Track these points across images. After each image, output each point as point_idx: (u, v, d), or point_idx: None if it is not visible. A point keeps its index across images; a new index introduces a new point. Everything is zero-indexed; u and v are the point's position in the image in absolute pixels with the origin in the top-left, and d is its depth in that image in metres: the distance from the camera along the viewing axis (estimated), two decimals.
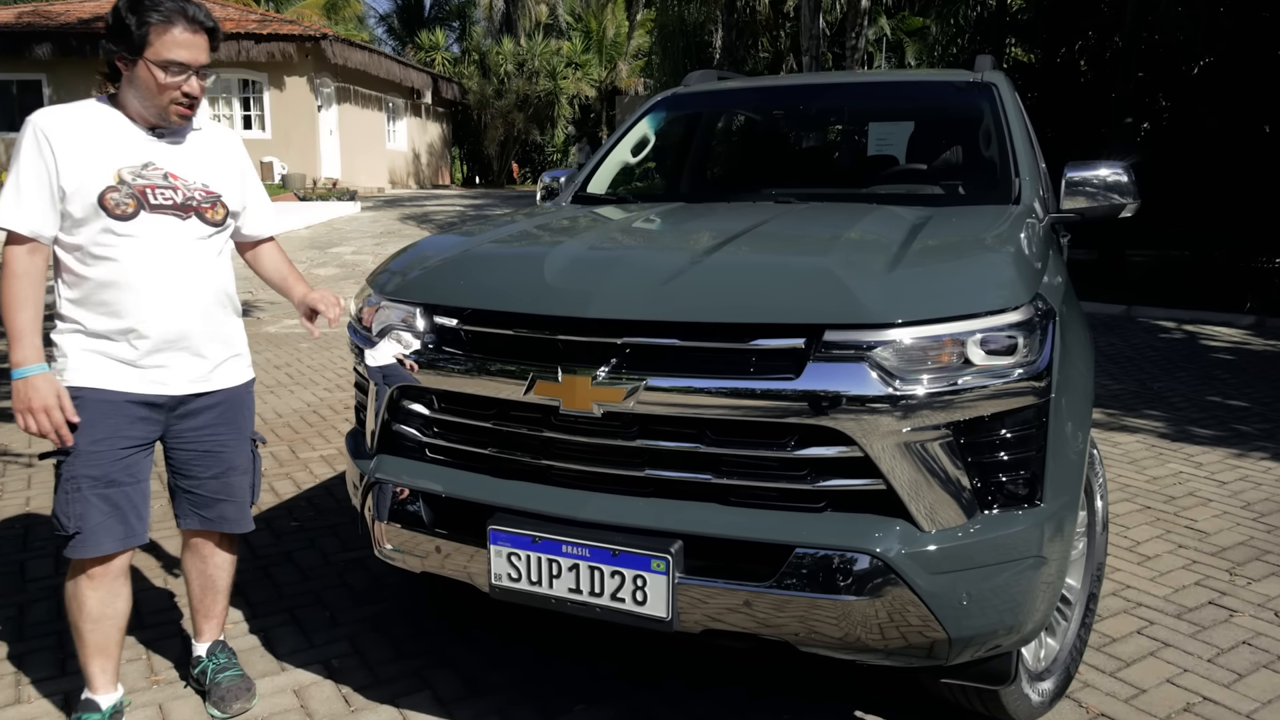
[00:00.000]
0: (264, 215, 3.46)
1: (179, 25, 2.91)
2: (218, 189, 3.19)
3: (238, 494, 3.36)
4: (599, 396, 2.63)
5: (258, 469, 3.44)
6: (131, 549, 3.15)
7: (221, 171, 3.23)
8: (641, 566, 2.60)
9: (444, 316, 2.99)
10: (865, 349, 2.48)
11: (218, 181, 3.20)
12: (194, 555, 3.44)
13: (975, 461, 2.57)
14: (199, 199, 3.12)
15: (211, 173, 3.19)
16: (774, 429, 2.56)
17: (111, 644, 3.19)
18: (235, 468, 3.32)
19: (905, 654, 2.61)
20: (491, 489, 2.88)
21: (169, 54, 2.91)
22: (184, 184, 3.09)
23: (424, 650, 3.78)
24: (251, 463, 3.39)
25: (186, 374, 3.13)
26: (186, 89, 2.99)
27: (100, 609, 3.13)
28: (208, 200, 3.14)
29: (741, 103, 5.46)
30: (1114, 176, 3.89)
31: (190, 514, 3.33)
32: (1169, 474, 6.08)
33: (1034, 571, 2.62)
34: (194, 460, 3.25)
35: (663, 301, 2.67)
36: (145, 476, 3.14)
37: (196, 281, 3.11)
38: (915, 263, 2.79)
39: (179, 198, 3.07)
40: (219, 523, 3.35)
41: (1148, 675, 3.63)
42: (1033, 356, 2.57)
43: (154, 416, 3.12)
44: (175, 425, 3.19)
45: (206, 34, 2.99)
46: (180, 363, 3.11)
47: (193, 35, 2.94)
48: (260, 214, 3.44)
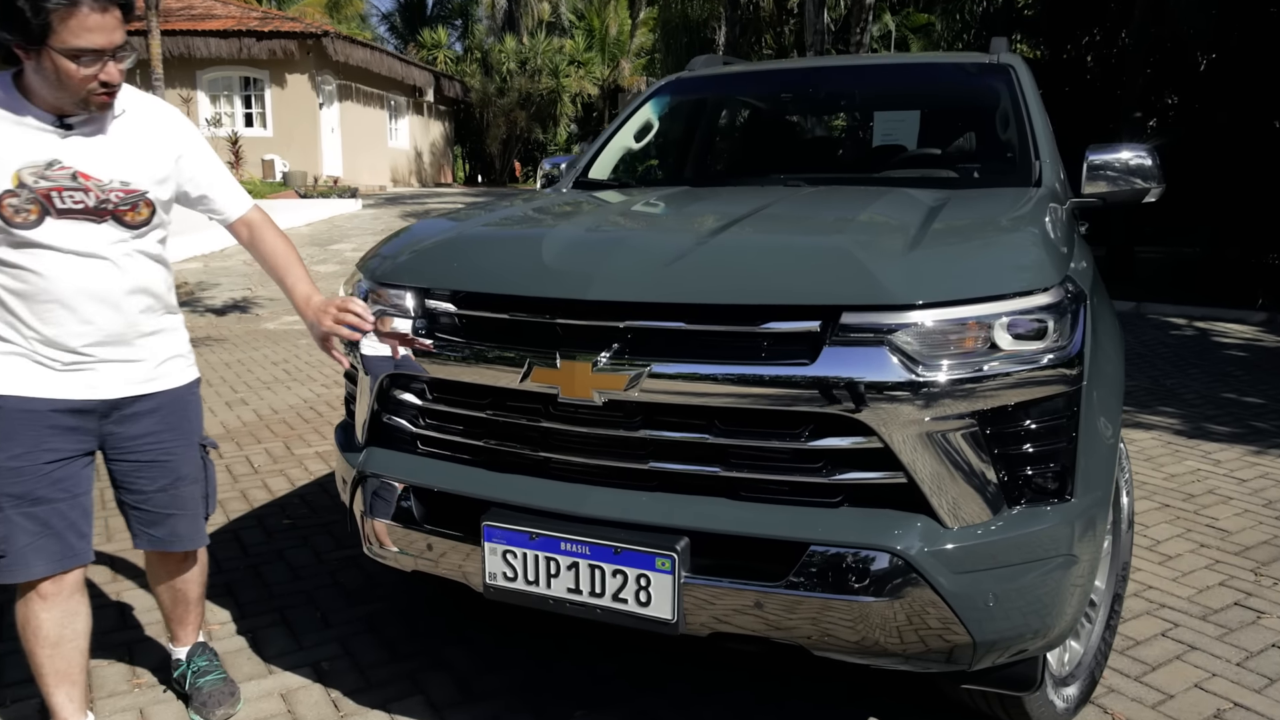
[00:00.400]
0: (227, 194, 3.07)
1: (84, 6, 2.48)
2: (140, 186, 2.79)
3: (189, 506, 3.08)
4: (600, 384, 2.47)
5: (211, 478, 3.16)
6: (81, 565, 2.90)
7: (148, 163, 2.82)
8: (645, 565, 2.44)
9: (436, 300, 2.83)
10: (885, 332, 2.32)
11: (141, 176, 2.79)
12: (158, 573, 3.23)
13: (1002, 453, 2.40)
14: (115, 201, 2.73)
15: (133, 167, 2.78)
16: (787, 418, 2.40)
17: (75, 669, 2.94)
18: (184, 477, 3.04)
19: (925, 659, 2.45)
20: (486, 483, 2.72)
21: (77, 41, 2.50)
22: (96, 184, 2.71)
23: (418, 652, 3.62)
24: (203, 471, 3.12)
25: (120, 376, 2.85)
26: (104, 76, 2.59)
27: (57, 631, 2.87)
28: (126, 202, 2.75)
29: (748, 86, 5.29)
30: (1137, 160, 3.72)
31: (140, 533, 3.05)
32: (1187, 471, 5.93)
33: (1064, 571, 2.46)
34: (138, 472, 2.98)
35: (668, 283, 2.51)
36: (83, 490, 2.87)
37: (118, 289, 2.78)
38: (937, 242, 2.63)
39: (91, 200, 2.69)
40: (171, 541, 3.07)
41: (1174, 680, 3.47)
42: (1063, 341, 2.41)
43: (84, 425, 2.83)
44: (112, 434, 2.90)
45: (119, 8, 2.56)
46: (111, 365, 2.83)
47: (102, 15, 2.51)
48: (222, 193, 3.05)
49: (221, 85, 26.84)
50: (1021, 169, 3.77)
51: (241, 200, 3.11)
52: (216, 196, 3.05)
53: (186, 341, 3.09)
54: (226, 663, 3.51)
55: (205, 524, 3.18)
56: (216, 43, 25.28)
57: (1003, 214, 3.02)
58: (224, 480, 5.62)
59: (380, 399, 2.93)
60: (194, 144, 2.96)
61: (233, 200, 3.09)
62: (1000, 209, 3.09)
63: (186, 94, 25.66)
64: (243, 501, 5.27)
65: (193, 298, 13.28)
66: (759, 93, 5.21)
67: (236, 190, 3.10)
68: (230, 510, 5.12)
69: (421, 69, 33.60)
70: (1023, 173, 3.74)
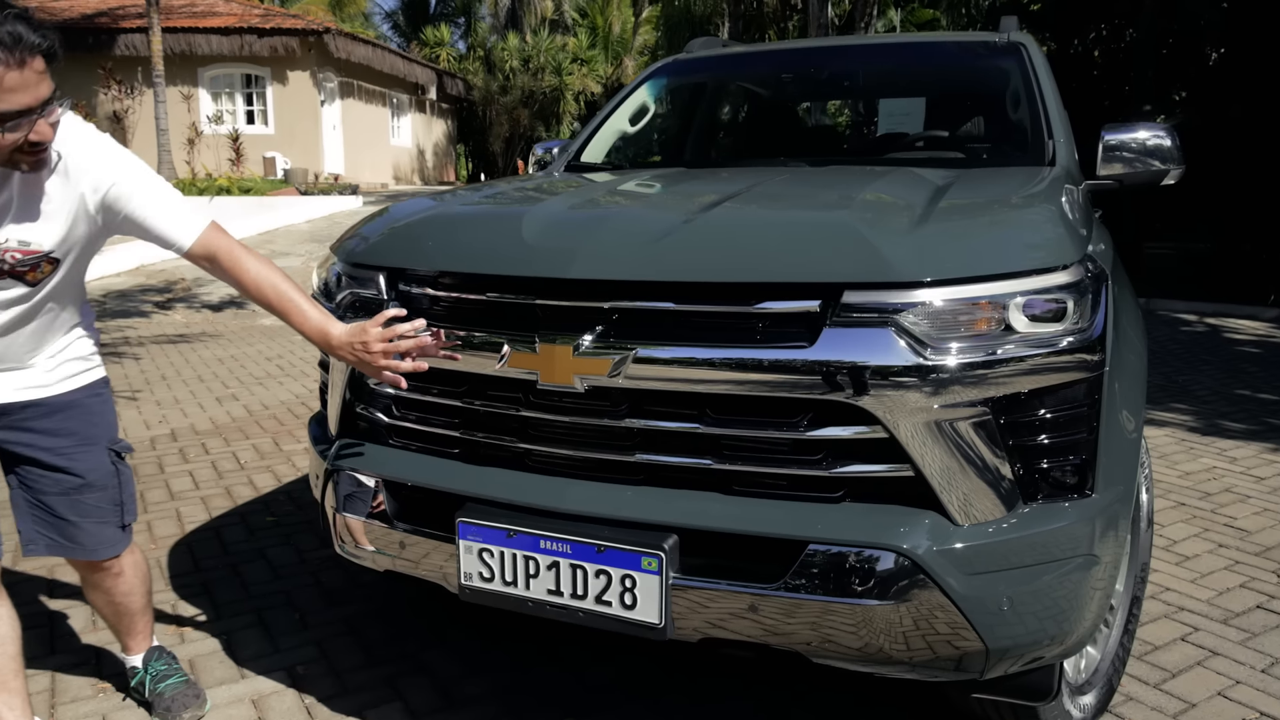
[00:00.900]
0: (173, 224, 2.64)
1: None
2: (42, 246, 2.51)
3: (94, 514, 2.82)
4: (581, 368, 2.29)
5: (125, 484, 2.90)
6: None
7: (53, 223, 2.53)
8: (630, 565, 2.26)
9: (409, 282, 2.65)
10: (890, 312, 2.13)
11: (43, 237, 2.51)
12: (90, 585, 3.00)
13: (1017, 444, 2.22)
14: (11, 262, 2.48)
15: (36, 228, 2.50)
16: (784, 406, 2.22)
17: (7, 674, 2.72)
18: (90, 484, 2.79)
19: (933, 667, 2.27)
20: (461, 477, 2.54)
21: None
22: None
23: (398, 656, 3.44)
24: (115, 477, 2.86)
25: (8, 383, 2.66)
26: (33, 136, 2.27)
27: None
28: (24, 263, 2.50)
29: (748, 68, 5.09)
30: (1155, 140, 3.54)
31: (38, 538, 2.80)
32: (1202, 469, 5.74)
33: (1083, 572, 2.28)
34: (38, 479, 2.76)
35: (656, 260, 2.32)
36: None
37: (19, 335, 2.61)
38: (946, 218, 2.45)
39: None
40: (72, 549, 2.84)
41: (1196, 687, 3.28)
42: (1084, 323, 2.22)
43: None
44: (6, 439, 2.71)
45: (41, 56, 2.22)
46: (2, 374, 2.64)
47: (21, 72, 2.17)
48: (167, 225, 2.63)
49: (223, 83, 26.71)
50: (1034, 149, 3.59)
51: (190, 226, 2.66)
52: (160, 229, 2.63)
53: (91, 345, 2.85)
54: (197, 667, 3.34)
55: (126, 533, 2.94)
56: (218, 40, 25.15)
57: (1016, 191, 2.83)
58: (208, 477, 5.45)
59: (352, 388, 2.76)
60: (120, 186, 2.56)
61: (180, 228, 2.65)
62: (1013, 186, 2.91)
63: (187, 91, 25.51)
64: (226, 499, 5.10)
65: (189, 294, 13.13)
66: (759, 74, 5.01)
67: (185, 217, 2.66)
68: (213, 508, 4.95)
69: (424, 66, 33.44)
70: (1036, 152, 3.56)
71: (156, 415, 6.87)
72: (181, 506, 4.97)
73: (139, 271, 14.70)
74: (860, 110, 5.64)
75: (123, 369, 8.45)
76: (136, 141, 25.00)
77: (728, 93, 5.31)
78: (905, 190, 2.77)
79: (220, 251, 2.69)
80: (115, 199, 2.56)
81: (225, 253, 2.69)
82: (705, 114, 5.16)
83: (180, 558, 4.31)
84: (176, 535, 4.57)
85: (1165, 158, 3.54)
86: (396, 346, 2.51)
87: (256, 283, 2.68)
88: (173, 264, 14.90)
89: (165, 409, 7.07)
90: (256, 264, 2.70)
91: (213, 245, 2.68)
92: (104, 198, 2.55)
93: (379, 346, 2.52)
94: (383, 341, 2.52)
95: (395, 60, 30.46)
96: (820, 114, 5.65)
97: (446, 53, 38.57)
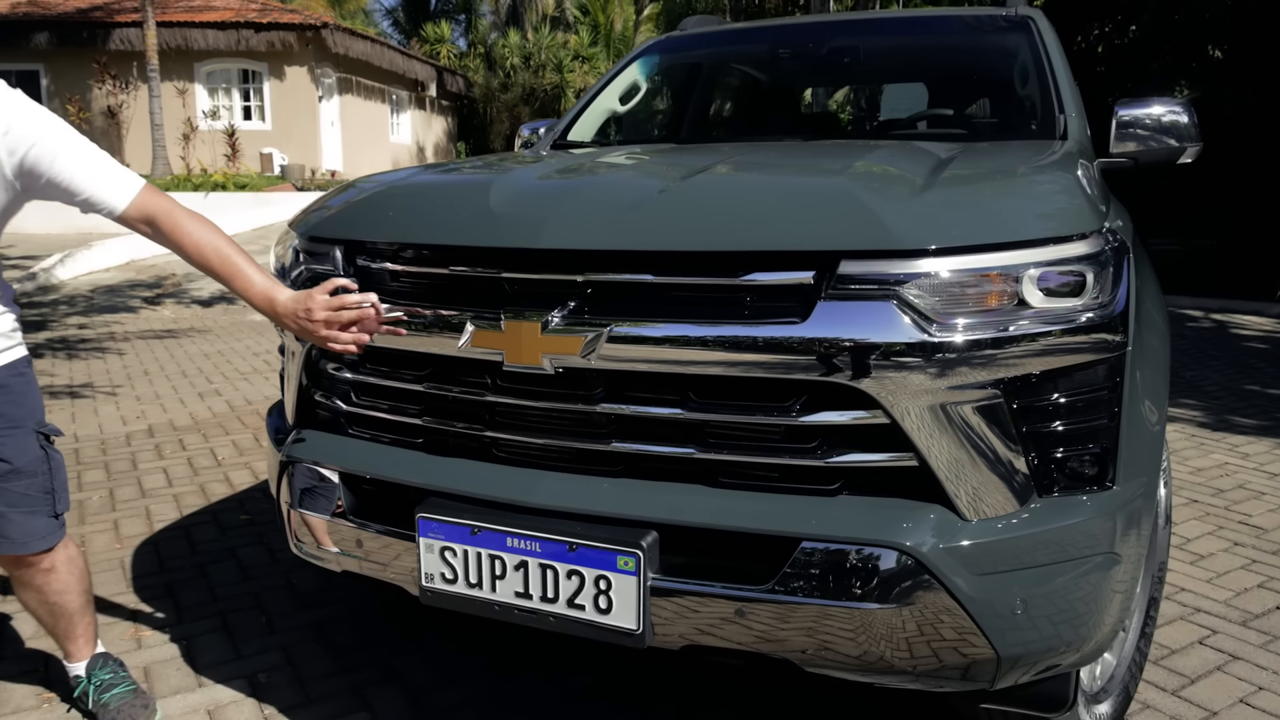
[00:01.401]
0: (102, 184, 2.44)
1: None
2: None
3: (20, 503, 2.61)
4: (550, 347, 2.07)
5: (56, 470, 2.69)
6: None
7: None
8: (605, 565, 2.05)
9: (368, 256, 2.44)
10: (892, 284, 1.92)
11: None
12: (22, 585, 2.78)
13: (1032, 431, 2.01)
14: None
15: None
16: (775, 388, 2.01)
17: None
18: (17, 470, 2.58)
19: (938, 676, 2.06)
20: (422, 468, 2.33)
21: None
22: None
23: (367, 662, 3.23)
24: (45, 463, 2.65)
25: None
26: None
27: None
28: None
29: (744, 44, 4.85)
30: (1170, 116, 3.34)
31: None
32: (1214, 465, 5.53)
33: (1103, 572, 2.07)
34: None
35: (633, 228, 2.11)
36: None
37: None
38: (953, 183, 2.23)
39: None
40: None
41: (1217, 694, 3.08)
42: (1104, 298, 2.01)
43: None
44: None
45: None
46: None
47: None
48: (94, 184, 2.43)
49: (220, 78, 26.48)
50: (1045, 123, 3.38)
51: (124, 187, 2.47)
52: (89, 191, 2.43)
53: (12, 321, 2.61)
54: (152, 674, 3.13)
55: (59, 525, 2.73)
56: (214, 34, 24.92)
57: (1027, 161, 2.62)
58: (183, 474, 5.24)
59: (310, 373, 2.55)
60: (42, 147, 2.36)
61: (113, 190, 2.45)
62: (1023, 157, 2.69)
63: (183, 86, 25.30)
64: (200, 496, 4.89)
65: (179, 289, 12.92)
66: (756, 51, 4.78)
67: (117, 178, 2.47)
68: (185, 506, 4.74)
69: (424, 63, 33.24)
70: (1046, 127, 3.35)
71: (135, 411, 6.67)
72: (152, 504, 4.76)
73: (129, 267, 14.50)
74: (864, 90, 5.42)
75: (105, 364, 8.25)
76: (131, 137, 24.84)
77: (722, 71, 5.09)
78: (906, 160, 2.56)
79: (159, 214, 2.49)
80: (36, 161, 2.35)
81: (165, 215, 2.50)
82: (699, 92, 4.94)
83: (145, 558, 4.10)
84: (144, 534, 4.36)
85: (1182, 135, 3.34)
86: (339, 317, 2.34)
87: (198, 246, 2.49)
88: (164, 259, 14.71)
89: (145, 404, 6.86)
90: (199, 226, 2.51)
91: (150, 207, 2.49)
92: (23, 160, 2.35)
93: (321, 315, 2.36)
94: (326, 310, 2.35)
95: (394, 56, 30.23)
96: (821, 87, 5.39)
97: (447, 49, 38.42)
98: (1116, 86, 15.22)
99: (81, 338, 9.52)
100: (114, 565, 4.01)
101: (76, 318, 10.74)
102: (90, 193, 2.42)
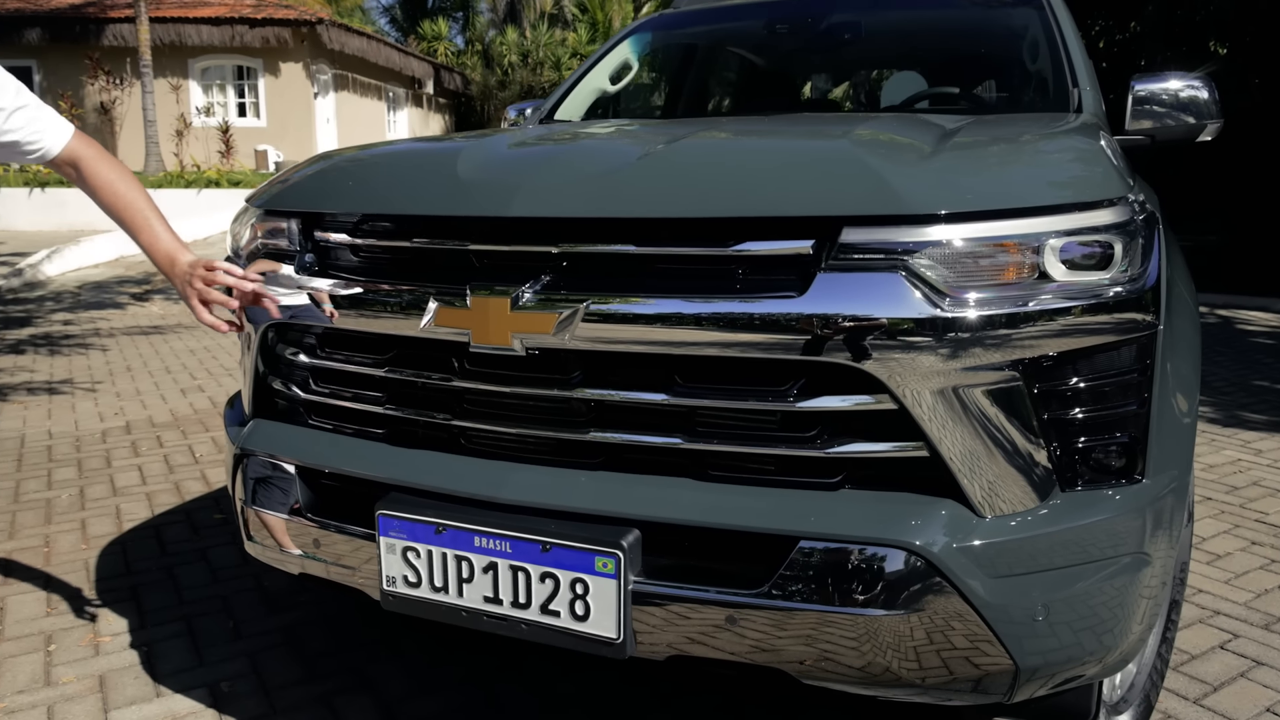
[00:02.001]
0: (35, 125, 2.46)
1: None
2: None
3: None
4: (521, 326, 1.88)
5: None
6: None
7: None
8: (582, 567, 1.86)
9: (326, 229, 2.24)
10: (899, 254, 1.73)
11: None
12: None
13: (1054, 418, 1.83)
14: None
15: None
16: (769, 371, 1.82)
17: None
18: None
19: (949, 689, 1.87)
20: (384, 461, 2.14)
21: None
22: None
23: (338, 670, 3.03)
24: None
25: None
26: None
27: None
28: None
29: (741, 20, 4.66)
30: (1189, 91, 3.16)
31: None
32: (1226, 462, 5.34)
33: (1132, 575, 1.89)
34: None
35: (613, 194, 1.91)
36: None
37: None
38: (966, 147, 2.04)
39: None
40: None
41: (1242, 703, 2.88)
42: (1134, 271, 1.82)
43: None
44: None
45: None
46: None
47: None
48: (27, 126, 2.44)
49: (214, 74, 26.34)
50: (1058, 96, 3.20)
51: (59, 130, 2.49)
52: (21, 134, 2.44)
53: None
54: (109, 683, 2.94)
55: None
56: (208, 30, 24.79)
57: (1043, 127, 2.42)
58: (158, 472, 5.04)
59: (265, 358, 2.35)
60: None
61: (47, 132, 2.47)
62: (1039, 125, 2.50)
63: (177, 82, 25.12)
64: (174, 494, 4.69)
65: (167, 285, 12.72)
66: (752, 27, 4.59)
67: (49, 119, 2.49)
68: (158, 504, 4.54)
69: (420, 60, 33.08)
70: (1060, 100, 3.17)
71: (114, 407, 6.47)
72: (123, 503, 4.56)
73: (118, 263, 14.32)
74: (864, 84, 5.24)
75: (88, 360, 8.04)
76: (124, 133, 24.68)
77: (717, 49, 4.89)
78: (912, 127, 2.37)
79: (85, 159, 2.51)
80: None
81: (90, 159, 2.51)
82: (693, 71, 4.74)
83: (111, 559, 3.90)
84: (112, 534, 4.17)
85: (1201, 111, 3.17)
86: (215, 279, 2.28)
87: (115, 192, 2.47)
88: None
89: (125, 400, 6.66)
90: (120, 175, 2.50)
91: (79, 151, 2.51)
92: None
93: (199, 283, 2.32)
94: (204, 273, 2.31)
95: (391, 53, 30.06)
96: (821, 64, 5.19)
97: (444, 47, 38.28)
98: (1121, 84, 15.09)
99: (65, 334, 9.32)
100: (79, 567, 3.81)
101: (62, 314, 10.54)
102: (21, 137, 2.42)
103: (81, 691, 2.91)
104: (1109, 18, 16.23)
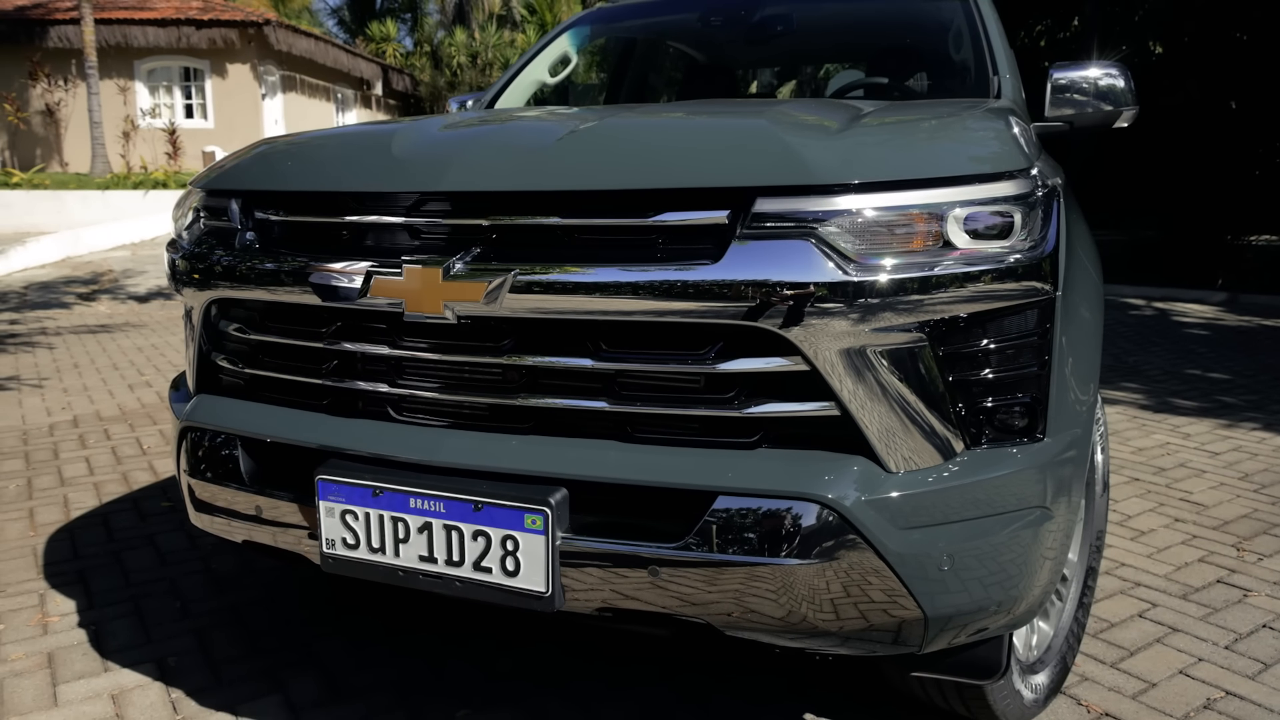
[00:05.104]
0: None
1: None
2: None
3: None
4: (451, 294, 1.96)
5: None
6: None
7: None
8: (512, 524, 1.94)
9: (266, 208, 2.31)
10: (810, 222, 1.82)
11: None
12: None
13: (958, 379, 1.93)
14: None
15: None
16: (688, 335, 1.91)
17: None
18: None
19: (867, 639, 1.97)
20: (322, 429, 2.21)
21: None
22: None
23: (283, 645, 3.09)
24: None
25: None
26: None
27: None
28: None
29: (674, 12, 4.75)
30: (1108, 79, 3.28)
31: None
32: (1155, 445, 5.51)
33: (1034, 529, 2.00)
34: None
35: (539, 168, 2.00)
36: None
37: None
38: (875, 123, 2.15)
39: None
40: None
41: (1156, 666, 3.01)
42: (1033, 240, 1.93)
43: None
44: None
45: None
46: None
47: None
48: None
49: (161, 75, 26.10)
50: (978, 84, 3.31)
51: None
52: None
53: None
54: (57, 660, 2.98)
55: None
56: (154, 31, 24.56)
57: (954, 108, 2.53)
58: (106, 463, 5.06)
59: (209, 334, 2.42)
60: None
61: None
62: (951, 106, 2.60)
63: (123, 84, 24.86)
64: (122, 484, 4.72)
65: (116, 284, 12.64)
66: (686, 21, 4.68)
67: None
68: (105, 494, 4.57)
69: (369, 61, 32.94)
70: (980, 88, 3.28)
71: (61, 402, 6.46)
72: (70, 492, 4.59)
73: (64, 264, 14.19)
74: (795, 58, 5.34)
75: (34, 358, 8.01)
76: (70, 135, 24.43)
77: (655, 42, 4.98)
78: (826, 108, 2.47)
79: None
80: None
81: None
82: (631, 64, 4.84)
83: (59, 545, 3.94)
84: (60, 522, 4.20)
85: (1118, 99, 3.28)
86: None
87: None
88: (100, 255, 14.42)
89: (72, 396, 6.65)
90: None
91: None
92: None
93: None
94: None
95: (339, 54, 29.91)
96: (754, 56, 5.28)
97: (393, 48, 38.11)
98: None
99: (11, 333, 9.26)
100: (26, 553, 3.84)
101: (8, 313, 10.45)
102: None
103: (30, 668, 2.96)
104: (1050, 17, 16.47)
